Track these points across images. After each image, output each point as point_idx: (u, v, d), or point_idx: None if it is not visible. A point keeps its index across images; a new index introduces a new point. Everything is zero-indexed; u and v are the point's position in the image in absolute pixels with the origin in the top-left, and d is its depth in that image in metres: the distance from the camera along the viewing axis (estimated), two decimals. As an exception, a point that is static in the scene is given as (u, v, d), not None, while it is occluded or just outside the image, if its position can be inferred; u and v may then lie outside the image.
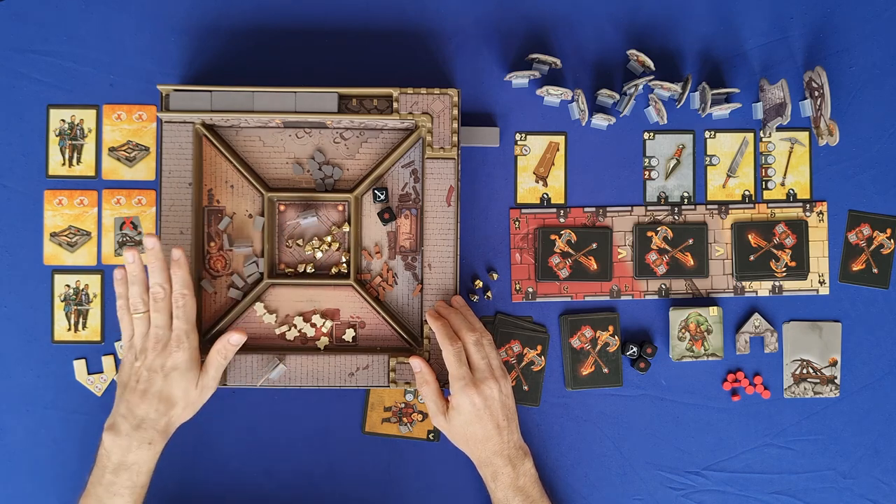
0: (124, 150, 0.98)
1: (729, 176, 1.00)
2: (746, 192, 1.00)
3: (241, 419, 0.98)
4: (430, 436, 0.98)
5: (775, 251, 0.99)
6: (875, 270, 1.00)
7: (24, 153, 0.98)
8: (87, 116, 0.98)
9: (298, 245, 0.96)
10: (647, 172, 0.99)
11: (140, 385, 0.85)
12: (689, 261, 0.99)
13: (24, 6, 0.98)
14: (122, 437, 0.84)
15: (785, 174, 1.00)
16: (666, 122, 0.98)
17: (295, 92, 0.91)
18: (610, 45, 0.99)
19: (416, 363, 0.90)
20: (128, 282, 0.87)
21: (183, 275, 0.87)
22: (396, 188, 0.96)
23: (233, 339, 0.88)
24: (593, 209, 0.99)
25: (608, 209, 0.99)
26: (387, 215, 0.94)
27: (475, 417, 0.87)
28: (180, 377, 0.86)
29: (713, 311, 0.98)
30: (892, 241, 1.00)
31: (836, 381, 0.99)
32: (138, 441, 0.85)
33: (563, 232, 0.98)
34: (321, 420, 0.98)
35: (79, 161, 0.98)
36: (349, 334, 0.96)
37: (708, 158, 1.00)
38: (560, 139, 0.99)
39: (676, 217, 0.99)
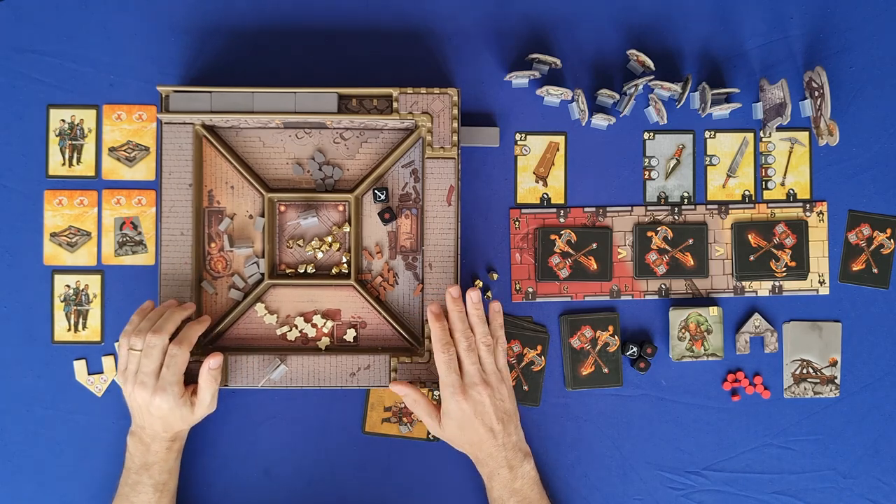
0: (124, 150, 0.98)
1: (729, 176, 1.00)
2: (746, 192, 1.00)
3: (241, 419, 0.98)
4: (430, 436, 0.98)
5: (775, 251, 0.99)
6: (875, 270, 1.00)
7: (24, 153, 0.98)
8: (87, 116, 0.98)
9: (299, 245, 0.96)
10: (647, 172, 0.99)
11: (141, 412, 0.88)
12: (689, 261, 0.99)
13: (24, 6, 0.98)
14: (142, 442, 0.89)
15: (785, 174, 1.00)
16: (666, 122, 0.98)
17: (295, 92, 0.91)
18: (610, 45, 0.99)
19: (399, 389, 0.90)
20: (143, 315, 0.89)
21: (192, 333, 0.88)
22: (397, 188, 0.96)
23: (212, 364, 0.88)
24: (593, 209, 0.99)
25: (608, 209, 0.99)
26: (387, 215, 0.94)
27: (466, 422, 0.87)
28: (169, 413, 0.87)
29: (713, 311, 0.98)
30: (892, 241, 1.00)
31: (836, 381, 0.99)
32: (156, 446, 0.89)
33: (563, 232, 0.98)
34: (321, 420, 0.98)
35: (79, 161, 0.98)
36: (350, 334, 0.96)
37: (708, 158, 1.00)
38: (560, 139, 0.99)
39: (676, 217, 0.99)
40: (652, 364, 0.98)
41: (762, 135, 1.00)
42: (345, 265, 0.96)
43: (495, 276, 0.99)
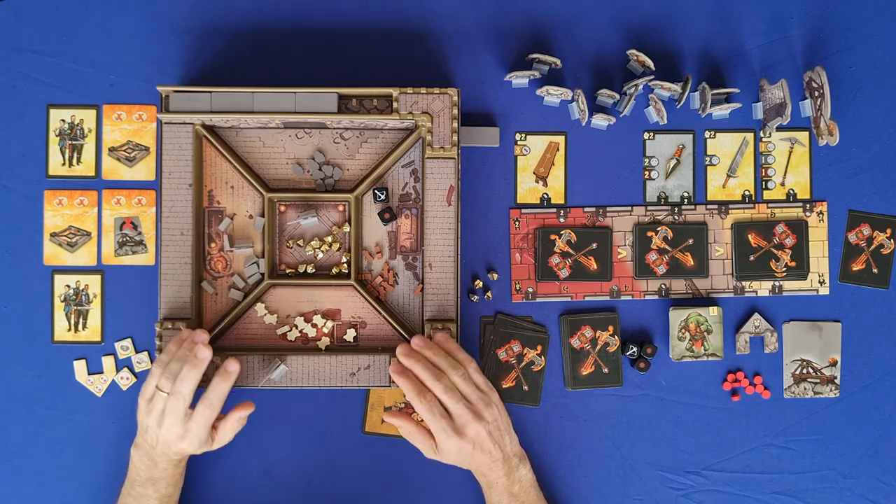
0: (124, 150, 0.98)
1: (729, 176, 1.00)
2: (746, 192, 1.00)
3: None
4: (431, 436, 0.98)
5: (775, 251, 0.99)
6: (875, 270, 1.00)
7: (24, 153, 0.98)
8: (87, 116, 0.98)
9: (299, 245, 0.96)
10: (647, 172, 0.99)
11: (157, 442, 0.86)
12: (689, 261, 0.99)
13: (24, 6, 0.98)
14: (150, 458, 0.87)
15: (785, 174, 1.00)
16: (666, 122, 0.98)
17: (295, 92, 0.91)
18: (610, 45, 0.99)
19: (393, 420, 0.90)
20: (177, 355, 0.86)
21: (222, 388, 0.86)
22: (397, 188, 0.96)
23: (242, 414, 0.88)
24: (593, 209, 0.99)
25: (608, 209, 0.99)
26: (387, 215, 0.94)
27: (467, 457, 0.88)
28: (188, 451, 0.87)
29: (713, 311, 0.98)
30: (892, 241, 1.00)
31: (836, 381, 0.99)
32: (165, 464, 0.88)
33: (563, 232, 0.98)
34: (321, 420, 0.98)
35: (79, 161, 0.98)
36: (350, 334, 0.96)
37: (708, 158, 1.00)
38: (560, 139, 0.99)
39: (676, 217, 0.99)
40: (652, 364, 0.98)
41: (762, 135, 1.00)
42: (345, 265, 0.96)
43: (495, 276, 0.99)
